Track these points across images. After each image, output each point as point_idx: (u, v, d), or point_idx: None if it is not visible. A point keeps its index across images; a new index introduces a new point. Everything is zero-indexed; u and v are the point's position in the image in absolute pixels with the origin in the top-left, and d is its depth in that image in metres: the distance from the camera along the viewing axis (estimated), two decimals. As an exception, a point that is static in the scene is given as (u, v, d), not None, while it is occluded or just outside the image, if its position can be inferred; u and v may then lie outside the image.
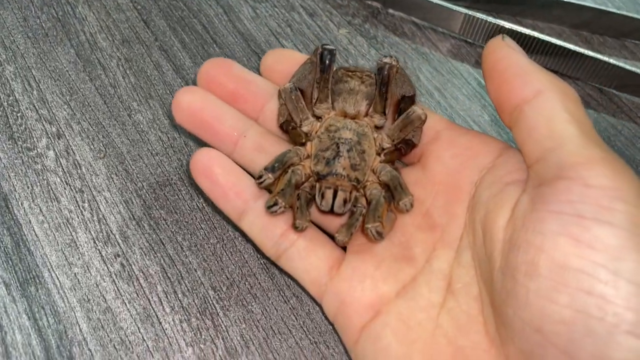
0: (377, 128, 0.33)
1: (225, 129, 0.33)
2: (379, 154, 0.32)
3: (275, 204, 0.30)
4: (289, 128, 0.33)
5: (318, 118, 0.33)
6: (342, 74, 0.33)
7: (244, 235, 0.35)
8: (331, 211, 0.31)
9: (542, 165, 0.25)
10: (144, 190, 0.37)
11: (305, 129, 0.33)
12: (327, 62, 0.31)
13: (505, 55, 0.27)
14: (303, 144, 0.32)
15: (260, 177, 0.31)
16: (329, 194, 0.30)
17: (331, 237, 0.32)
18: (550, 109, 0.25)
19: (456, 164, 0.31)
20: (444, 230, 0.30)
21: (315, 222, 0.33)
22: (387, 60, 0.31)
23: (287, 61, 0.35)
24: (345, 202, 0.30)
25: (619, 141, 0.40)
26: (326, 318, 0.33)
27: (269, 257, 0.32)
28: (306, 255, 0.31)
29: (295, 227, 0.30)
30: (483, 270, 0.27)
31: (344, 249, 0.32)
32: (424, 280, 0.29)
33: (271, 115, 0.34)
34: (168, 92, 0.41)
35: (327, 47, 0.31)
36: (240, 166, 0.33)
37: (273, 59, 0.35)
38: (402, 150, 0.32)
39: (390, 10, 0.46)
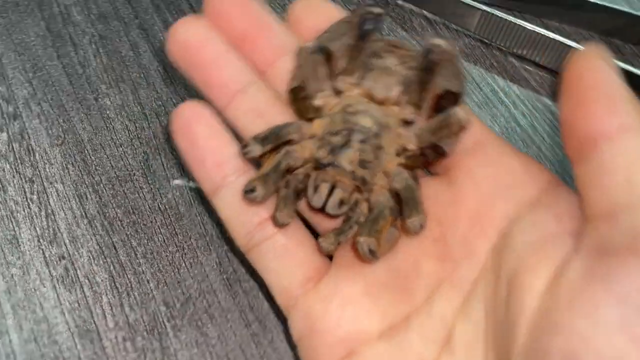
0: (406, 123, 0.27)
1: (222, 78, 0.28)
2: (398, 155, 0.27)
3: (253, 190, 0.25)
4: (298, 96, 0.27)
5: (337, 93, 0.27)
6: (381, 47, 0.27)
7: (209, 244, 0.31)
8: (322, 209, 0.26)
9: (610, 225, 0.19)
10: (102, 185, 0.32)
11: (318, 102, 0.27)
12: (369, 27, 0.26)
13: (594, 69, 0.21)
14: (310, 120, 0.27)
15: (246, 146, 0.26)
16: (324, 188, 0.25)
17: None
18: (636, 154, 0.20)
19: (490, 188, 0.25)
20: (456, 266, 0.25)
21: (304, 217, 0.28)
22: (438, 42, 0.25)
23: (318, 15, 0.29)
24: (341, 203, 0.25)
25: (646, 167, 0.35)
26: (290, 343, 0.29)
27: (238, 246, 0.27)
28: (282, 256, 0.26)
29: (274, 221, 0.26)
30: (497, 337, 0.22)
31: (331, 257, 0.27)
32: (417, 325, 0.24)
33: (282, 74, 0.28)
34: (142, 76, 0.36)
35: (374, 10, 0.26)
36: (232, 129, 0.28)
37: (302, 9, 0.30)
38: (428, 157, 0.26)
39: (400, 1, 0.42)
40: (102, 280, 0.30)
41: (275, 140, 0.26)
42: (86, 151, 0.33)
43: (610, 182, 0.20)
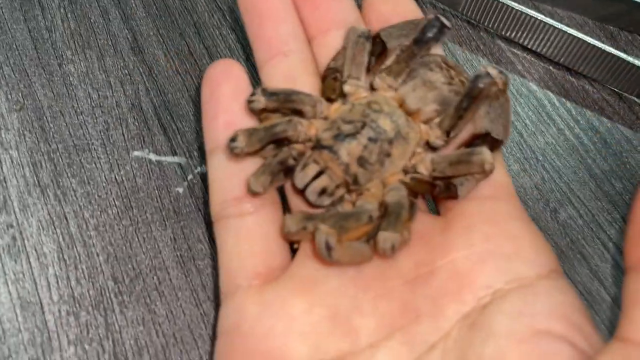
0: (428, 145, 0.25)
1: (272, 32, 0.27)
2: (406, 172, 0.25)
3: (234, 139, 0.24)
4: (329, 75, 0.26)
5: (372, 88, 0.26)
6: (434, 61, 0.26)
7: (164, 220, 0.30)
8: (302, 192, 0.24)
9: None
10: (58, 154, 0.31)
11: (347, 88, 0.26)
12: (430, 35, 0.25)
13: None
14: (330, 101, 0.26)
15: (253, 94, 0.25)
16: (311, 169, 0.24)
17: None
18: None
19: (485, 251, 0.22)
20: (417, 321, 0.22)
21: (290, 204, 0.27)
22: (491, 70, 0.23)
23: (394, 5, 0.28)
24: (323, 192, 0.24)
25: (632, 159, 0.34)
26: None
27: (210, 213, 0.26)
28: (242, 239, 0.24)
29: (247, 185, 0.24)
30: None
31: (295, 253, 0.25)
32: None
33: (330, 47, 0.28)
34: (110, 43, 0.35)
35: (442, 20, 0.25)
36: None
37: None
38: (437, 190, 0.24)
39: (386, -22, 0.40)
40: (49, 252, 0.29)
41: (285, 101, 0.25)
42: (45, 118, 0.32)
43: None
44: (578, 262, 0.31)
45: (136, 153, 0.31)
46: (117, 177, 0.31)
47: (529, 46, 0.37)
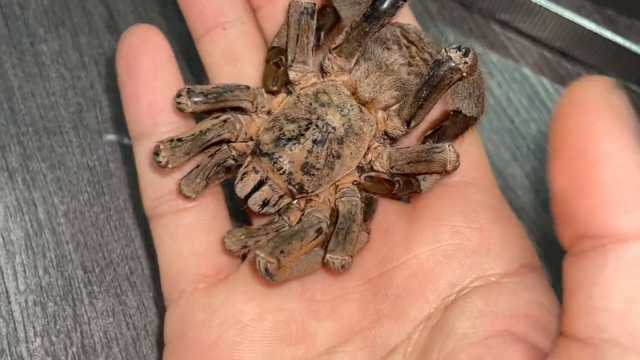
0: (387, 137, 0.23)
1: (205, 3, 0.24)
2: (361, 171, 0.22)
3: (156, 153, 0.21)
4: (271, 58, 0.23)
5: (323, 73, 0.23)
6: (392, 35, 0.23)
7: (138, 207, 0.28)
8: (244, 200, 0.22)
9: (585, 357, 0.15)
10: (28, 137, 0.30)
11: (292, 75, 0.23)
12: (383, 8, 0.21)
13: (606, 133, 0.14)
14: (274, 93, 0.23)
15: (179, 95, 0.22)
16: (250, 180, 0.21)
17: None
18: None
19: (452, 246, 0.21)
20: (378, 323, 0.21)
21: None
22: (453, 54, 0.20)
23: None
24: (265, 203, 0.22)
25: (627, 149, 0.32)
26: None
27: (144, 208, 0.24)
28: (181, 238, 0.22)
29: (177, 188, 0.22)
30: None
31: (244, 256, 0.24)
32: None
33: (276, 20, 0.24)
34: (85, 21, 0.33)
35: None
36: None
37: None
38: (397, 188, 0.22)
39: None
40: (17, 239, 0.27)
41: (216, 101, 0.22)
42: (15, 99, 0.31)
43: (606, 305, 0.14)
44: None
45: (110, 137, 0.30)
46: (89, 161, 0.29)
47: (524, 30, 0.36)
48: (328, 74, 0.23)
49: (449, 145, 0.21)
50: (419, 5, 0.36)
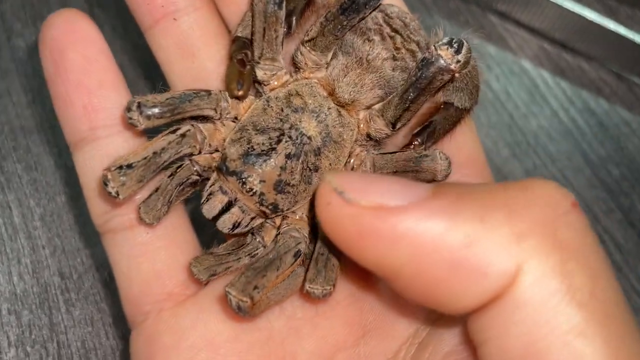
0: (370, 139, 0.20)
1: None
2: None
3: (105, 183, 0.18)
4: (235, 53, 0.20)
5: (296, 69, 0.20)
6: (374, 25, 0.20)
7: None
8: (212, 221, 0.20)
9: None
10: (3, 136, 0.28)
11: (259, 73, 0.20)
12: (363, 1, 0.18)
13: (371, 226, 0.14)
14: (239, 98, 0.20)
15: (129, 109, 0.18)
16: (217, 202, 0.19)
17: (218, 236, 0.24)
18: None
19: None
20: (363, 338, 0.19)
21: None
22: (444, 52, 0.17)
23: None
24: (235, 226, 0.19)
25: (631, 143, 0.31)
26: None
27: (93, 222, 0.21)
28: (139, 256, 0.20)
29: (137, 215, 0.19)
30: None
31: None
32: None
33: (237, 5, 0.21)
34: (65, 15, 0.32)
35: None
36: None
37: None
38: None
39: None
40: (-10, 244, 0.26)
41: (172, 114, 0.19)
42: (-11, 97, 0.29)
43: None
44: (570, 255, 0.28)
45: (89, 135, 0.29)
46: (67, 162, 0.28)
47: (523, 21, 0.34)
48: (301, 70, 0.20)
49: (439, 153, 0.19)
50: (444, 25, 0.35)
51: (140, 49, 0.28)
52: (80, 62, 0.20)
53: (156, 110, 0.19)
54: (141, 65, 0.29)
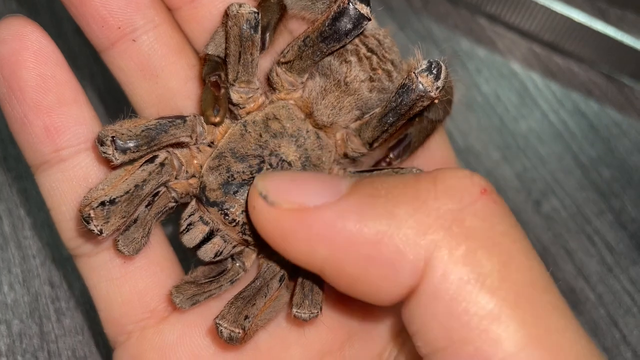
0: (346, 157, 0.20)
1: (106, 18, 0.19)
2: None
3: (87, 221, 0.17)
4: (208, 78, 0.19)
5: (272, 88, 0.20)
6: (350, 45, 0.19)
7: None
8: (193, 250, 0.19)
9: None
10: (-7, 145, 0.28)
11: (235, 96, 0.19)
12: (343, 29, 0.18)
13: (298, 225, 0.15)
14: (215, 124, 0.19)
15: (102, 143, 0.18)
16: (198, 232, 0.19)
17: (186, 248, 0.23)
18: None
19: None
20: (348, 341, 0.20)
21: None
22: (424, 79, 0.17)
23: None
24: (216, 255, 0.19)
25: (621, 145, 0.31)
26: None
27: (65, 245, 0.20)
28: (119, 278, 0.20)
29: (115, 246, 0.18)
30: None
31: None
32: None
33: (199, 24, 0.20)
34: (54, 24, 0.32)
35: (358, 7, 0.18)
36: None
37: None
38: None
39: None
40: (-20, 254, 0.26)
41: (149, 147, 0.18)
42: (-20, 106, 0.29)
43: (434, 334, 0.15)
44: (561, 258, 0.28)
45: (79, 144, 0.29)
46: (57, 170, 0.28)
47: (512, 23, 0.34)
48: (277, 91, 0.20)
49: (415, 170, 0.19)
50: (402, 0, 0.35)
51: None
52: (35, 80, 0.18)
53: (132, 144, 0.18)
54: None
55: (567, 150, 0.31)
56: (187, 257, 0.24)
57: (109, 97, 0.30)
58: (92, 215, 0.17)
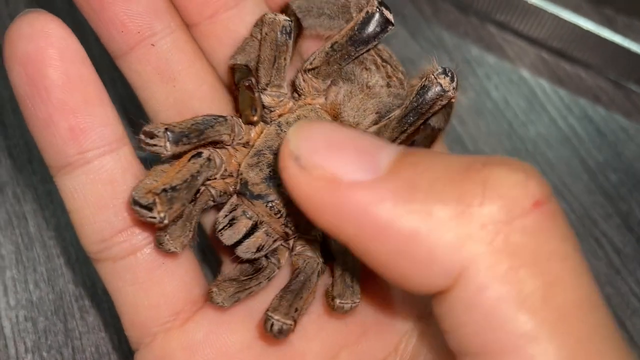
0: None
1: (126, 23, 0.19)
2: None
3: (149, 208, 0.17)
4: (242, 82, 0.20)
5: (297, 94, 0.21)
6: (368, 54, 0.21)
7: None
8: (232, 246, 0.20)
9: None
10: (18, 149, 0.29)
11: (266, 99, 0.21)
12: (370, 33, 0.19)
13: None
14: (253, 123, 0.20)
15: (152, 135, 0.18)
16: (242, 226, 0.19)
17: (205, 250, 0.24)
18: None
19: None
20: (363, 335, 0.20)
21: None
22: (443, 80, 0.19)
23: None
24: (259, 249, 0.20)
25: (628, 150, 0.32)
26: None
27: (84, 248, 0.20)
28: (146, 282, 0.19)
29: (158, 242, 0.19)
30: None
31: None
32: None
33: (217, 39, 0.21)
34: (76, 29, 0.33)
35: (385, 13, 0.19)
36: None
37: None
38: None
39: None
40: (7, 253, 0.27)
41: (198, 140, 0.19)
42: (5, 111, 0.30)
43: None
44: (570, 260, 0.29)
45: (101, 147, 0.30)
46: (80, 173, 0.29)
47: (521, 31, 0.35)
48: (303, 97, 0.21)
49: None
50: (413, 8, 0.35)
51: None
52: (62, 79, 0.18)
53: (184, 136, 0.18)
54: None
55: (575, 154, 0.32)
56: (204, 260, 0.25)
57: (129, 103, 0.31)
58: (157, 200, 0.17)
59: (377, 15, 0.19)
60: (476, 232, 0.13)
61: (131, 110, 0.31)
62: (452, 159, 0.14)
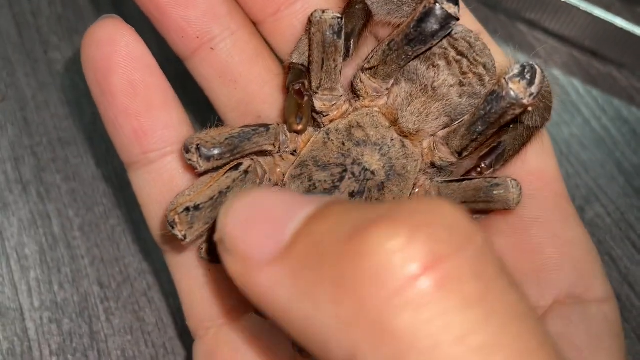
0: (434, 167, 0.20)
1: (183, 24, 0.20)
2: None
3: (172, 225, 0.17)
4: (292, 86, 0.19)
5: (355, 96, 0.20)
6: (437, 47, 0.19)
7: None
8: None
9: None
10: (42, 147, 0.29)
11: (318, 104, 0.19)
12: (429, 30, 0.17)
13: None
14: (298, 132, 0.19)
15: (188, 151, 0.18)
16: None
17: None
18: None
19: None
20: None
21: None
22: (516, 85, 0.16)
23: None
24: None
25: (665, 152, 0.31)
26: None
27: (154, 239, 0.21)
28: (212, 282, 0.20)
29: (199, 254, 0.19)
30: None
31: None
32: None
33: (290, 29, 0.21)
34: (100, 28, 0.33)
35: (445, 7, 0.17)
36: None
37: None
38: None
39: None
40: (31, 254, 0.26)
41: (232, 155, 0.18)
42: (29, 109, 0.30)
43: None
44: (606, 265, 0.28)
45: (126, 146, 0.29)
46: (104, 172, 0.28)
47: (552, 29, 0.34)
48: (361, 98, 0.19)
49: (511, 181, 0.18)
50: None
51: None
52: (125, 86, 0.19)
53: (216, 151, 0.18)
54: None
55: (610, 156, 0.31)
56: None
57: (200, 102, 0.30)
58: (176, 220, 0.17)
59: (436, 9, 0.17)
60: (354, 317, 0.12)
61: (203, 109, 0.30)
62: (347, 218, 0.13)
